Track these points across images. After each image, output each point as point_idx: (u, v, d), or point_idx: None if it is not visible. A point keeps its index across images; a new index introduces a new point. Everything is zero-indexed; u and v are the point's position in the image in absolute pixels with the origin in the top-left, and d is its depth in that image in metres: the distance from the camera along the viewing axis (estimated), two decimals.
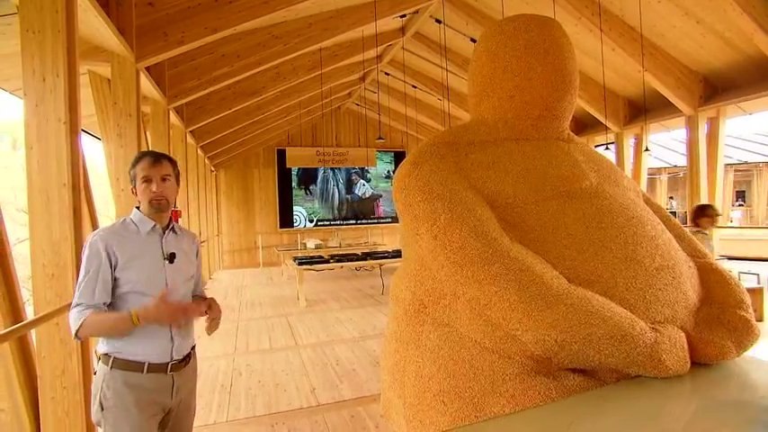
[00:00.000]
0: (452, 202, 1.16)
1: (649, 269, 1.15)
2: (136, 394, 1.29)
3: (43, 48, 2.13)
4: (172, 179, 1.40)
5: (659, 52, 5.59)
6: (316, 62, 6.72)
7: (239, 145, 9.86)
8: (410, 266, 1.28)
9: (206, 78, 4.92)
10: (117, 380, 1.28)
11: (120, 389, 1.28)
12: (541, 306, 1.00)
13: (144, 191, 1.34)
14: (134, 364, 1.29)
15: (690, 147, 6.07)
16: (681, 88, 5.72)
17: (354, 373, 3.30)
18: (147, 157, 1.37)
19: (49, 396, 2.09)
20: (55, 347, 2.08)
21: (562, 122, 1.43)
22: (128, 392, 1.28)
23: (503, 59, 1.36)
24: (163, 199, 1.36)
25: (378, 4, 5.23)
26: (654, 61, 5.53)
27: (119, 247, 1.31)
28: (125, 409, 1.28)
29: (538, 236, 1.17)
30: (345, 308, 5.79)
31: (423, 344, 1.17)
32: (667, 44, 5.50)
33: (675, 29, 5.15)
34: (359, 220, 12.25)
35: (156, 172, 1.35)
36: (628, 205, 1.30)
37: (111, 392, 1.27)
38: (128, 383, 1.28)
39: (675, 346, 1.05)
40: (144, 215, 1.38)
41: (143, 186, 1.34)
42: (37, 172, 2.10)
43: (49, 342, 2.08)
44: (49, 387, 2.09)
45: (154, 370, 1.31)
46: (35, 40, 2.14)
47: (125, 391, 1.28)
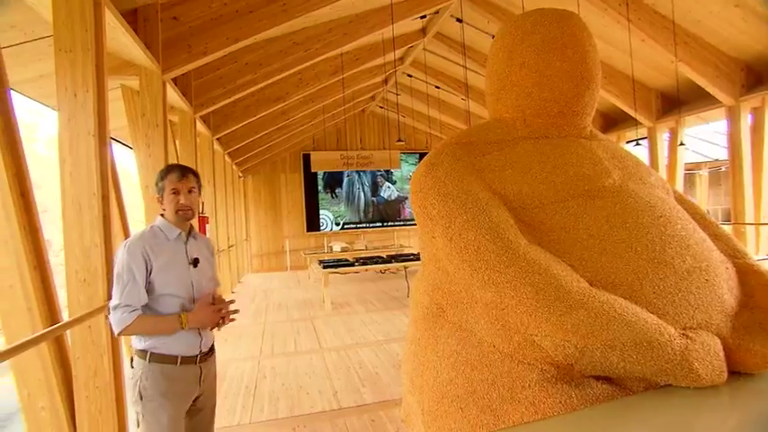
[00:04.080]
0: (467, 204, 1.13)
1: (679, 271, 1.07)
2: (171, 384, 1.43)
3: (74, 65, 2.24)
4: (196, 191, 1.55)
5: (695, 40, 5.30)
6: (337, 67, 6.77)
7: (266, 151, 10.07)
8: (427, 269, 1.25)
9: (230, 87, 5.05)
10: (155, 372, 1.42)
11: (158, 380, 1.42)
12: (560, 310, 0.95)
13: (172, 201, 1.49)
14: (169, 357, 1.43)
15: (731, 140, 5.71)
16: (720, 77, 5.40)
17: (377, 377, 3.28)
18: (176, 170, 1.51)
19: (84, 395, 2.18)
20: (88, 349, 2.17)
21: (583, 119, 1.36)
22: (164, 383, 1.42)
23: (519, 56, 1.30)
24: (189, 210, 1.52)
25: (396, 7, 5.22)
26: (689, 50, 5.25)
27: (153, 253, 1.44)
28: (162, 398, 1.42)
29: (557, 237, 1.12)
30: (371, 310, 5.79)
31: (441, 348, 1.15)
32: (704, 31, 5.21)
33: (712, 14, 4.87)
34: (385, 222, 12.25)
35: (183, 185, 1.50)
36: (655, 203, 1.21)
37: (150, 383, 1.41)
38: (164, 375, 1.43)
39: (709, 353, 0.97)
40: (169, 223, 1.52)
41: (171, 197, 1.49)
42: (69, 183, 2.20)
43: (82, 344, 2.17)
44: (83, 387, 2.18)
45: (185, 362, 1.46)
46: (67, 58, 2.25)
47: (162, 382, 1.42)
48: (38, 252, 2.22)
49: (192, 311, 1.45)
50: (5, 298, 2.17)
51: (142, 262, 1.41)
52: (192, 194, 1.53)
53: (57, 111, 2.23)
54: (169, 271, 1.46)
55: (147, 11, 3.45)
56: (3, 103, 2.20)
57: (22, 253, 2.16)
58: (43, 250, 2.27)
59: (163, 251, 1.47)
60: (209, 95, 5.01)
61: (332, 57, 6.59)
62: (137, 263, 1.41)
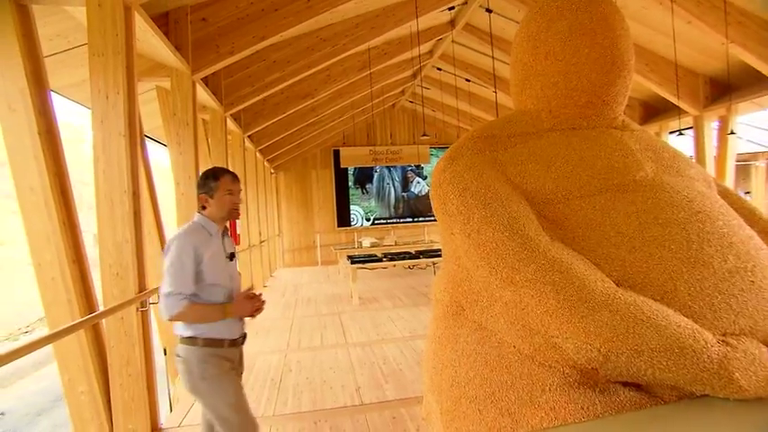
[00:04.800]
0: (486, 199, 1.08)
1: (719, 272, 0.98)
2: (222, 362, 1.60)
3: (106, 68, 2.33)
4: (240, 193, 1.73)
5: (750, 19, 4.88)
6: (365, 62, 6.76)
7: (297, 147, 10.22)
8: (448, 266, 1.22)
9: (259, 85, 5.14)
10: (209, 354, 1.57)
11: (214, 360, 1.57)
12: (583, 312, 0.89)
13: (228, 202, 1.64)
14: (217, 341, 1.59)
15: None
16: None
17: (401, 374, 3.25)
18: (229, 174, 1.67)
19: (118, 382, 2.29)
20: (121, 339, 2.28)
21: (614, 109, 1.27)
22: (220, 361, 1.59)
23: (545, 44, 1.23)
24: (238, 209, 1.70)
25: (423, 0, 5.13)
26: (743, 30, 4.84)
27: (202, 246, 1.58)
28: (224, 373, 1.59)
29: (583, 234, 1.06)
30: (398, 306, 5.77)
31: (460, 347, 1.11)
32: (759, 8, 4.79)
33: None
34: (415, 218, 12.18)
35: (236, 187, 1.67)
36: (693, 198, 1.11)
37: (210, 364, 1.56)
38: (216, 355, 1.58)
39: (753, 362, 0.87)
40: (210, 220, 1.65)
41: (227, 198, 1.64)
42: (103, 180, 2.31)
43: (116, 334, 2.28)
44: (117, 374, 2.29)
45: (231, 345, 1.63)
46: (100, 62, 2.35)
47: (218, 361, 1.58)
48: (76, 247, 2.35)
49: (233, 303, 1.61)
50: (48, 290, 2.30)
51: (192, 253, 1.53)
52: (239, 196, 1.70)
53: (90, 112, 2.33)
54: (215, 263, 1.59)
55: (177, 13, 3.55)
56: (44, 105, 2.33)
57: (62, 248, 2.28)
58: (81, 245, 2.39)
59: (209, 245, 1.60)
60: (239, 94, 5.12)
61: (359, 52, 6.58)
62: (188, 254, 1.53)
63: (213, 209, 1.64)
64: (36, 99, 2.25)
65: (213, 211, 1.64)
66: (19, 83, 2.22)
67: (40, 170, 2.22)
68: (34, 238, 2.26)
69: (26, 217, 2.25)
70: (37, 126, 2.23)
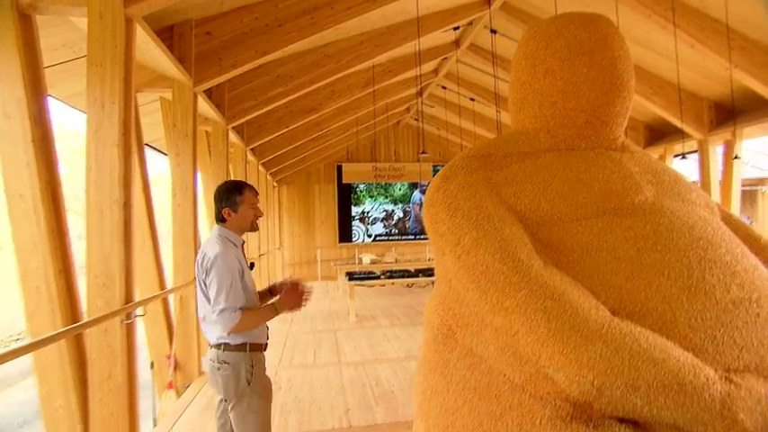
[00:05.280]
0: (478, 220, 1.04)
1: (722, 302, 0.92)
2: (264, 367, 1.70)
3: (103, 78, 2.33)
4: None
5: (753, 45, 4.88)
6: (369, 79, 6.81)
7: (300, 161, 10.25)
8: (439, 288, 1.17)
9: (262, 98, 5.17)
10: (256, 359, 1.65)
11: (259, 365, 1.66)
12: (575, 341, 0.84)
13: (251, 215, 1.70)
14: (260, 345, 1.69)
15: None
16: None
17: (392, 396, 3.15)
18: (251, 188, 1.73)
19: (98, 397, 2.21)
20: (103, 352, 2.21)
21: (613, 129, 1.24)
22: (261, 367, 1.68)
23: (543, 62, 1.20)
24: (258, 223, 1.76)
25: (427, 19, 5.19)
26: (745, 55, 4.84)
27: (240, 259, 1.65)
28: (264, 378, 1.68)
29: (578, 258, 1.00)
30: (395, 325, 5.66)
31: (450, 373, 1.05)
32: (764, 35, 4.80)
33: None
34: (417, 235, 12.12)
35: (257, 201, 1.74)
36: (694, 223, 1.06)
37: (255, 369, 1.63)
38: (260, 360, 1.68)
39: (759, 402, 0.80)
40: (232, 232, 1.70)
41: (250, 211, 1.70)
42: (93, 190, 2.28)
43: (98, 347, 2.21)
44: (97, 389, 2.21)
45: (265, 348, 1.74)
46: (98, 72, 2.35)
47: (261, 367, 1.67)
48: (64, 256, 2.30)
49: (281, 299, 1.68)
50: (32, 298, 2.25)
51: (237, 266, 1.60)
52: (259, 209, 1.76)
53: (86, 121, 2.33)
54: (247, 275, 1.67)
55: (182, 27, 3.60)
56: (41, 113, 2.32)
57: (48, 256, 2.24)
58: (69, 254, 2.34)
59: (240, 257, 1.67)
60: (242, 107, 5.14)
61: (364, 69, 6.64)
62: (233, 268, 1.59)
63: (235, 221, 1.69)
64: (33, 107, 2.24)
65: (234, 223, 1.69)
66: (17, 91, 2.22)
67: (31, 177, 2.20)
68: (21, 246, 2.23)
69: (14, 223, 2.22)
70: (31, 133, 2.22)
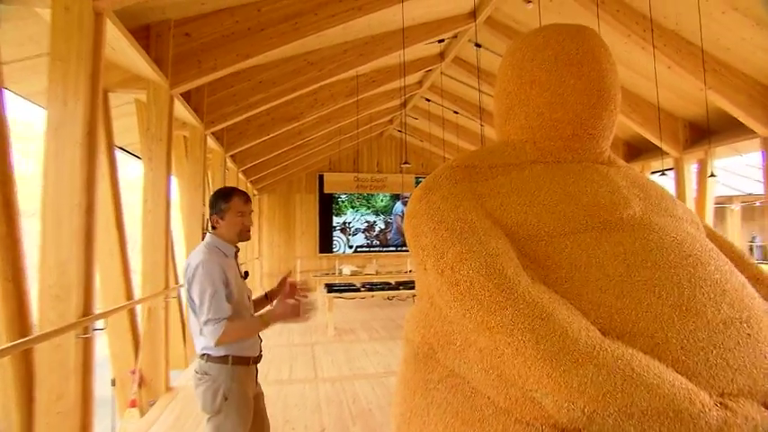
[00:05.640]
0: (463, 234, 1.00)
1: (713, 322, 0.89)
2: (248, 382, 1.60)
3: (67, 75, 2.19)
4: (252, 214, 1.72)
5: (725, 68, 5.05)
6: (353, 89, 6.77)
7: (282, 170, 10.10)
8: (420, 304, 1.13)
9: (243, 104, 5.05)
10: (238, 373, 1.56)
11: (242, 380, 1.57)
12: (565, 365, 0.79)
13: (238, 223, 1.63)
14: (245, 359, 1.59)
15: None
16: (754, 106, 5.10)
17: (370, 415, 3.02)
18: (240, 195, 1.65)
19: (44, 421, 2.02)
20: (53, 370, 2.03)
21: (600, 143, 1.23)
22: (245, 382, 1.59)
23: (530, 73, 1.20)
24: (248, 231, 1.68)
25: (412, 30, 5.19)
26: (719, 78, 5.00)
27: (227, 269, 1.58)
28: (245, 395, 1.57)
29: (566, 275, 0.97)
30: (374, 338, 5.53)
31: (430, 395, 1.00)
32: (735, 59, 4.97)
33: (745, 41, 4.63)
34: (398, 247, 12.05)
35: (247, 209, 1.65)
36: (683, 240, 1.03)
37: (236, 384, 1.55)
38: (243, 374, 1.58)
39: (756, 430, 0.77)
40: (222, 241, 1.63)
41: (237, 219, 1.63)
42: (51, 192, 2.12)
43: (48, 364, 2.03)
44: (44, 412, 2.02)
45: (253, 362, 1.64)
46: (61, 67, 2.21)
47: (244, 381, 1.58)
48: (15, 263, 2.12)
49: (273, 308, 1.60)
50: None
51: (220, 275, 1.54)
52: (250, 217, 1.69)
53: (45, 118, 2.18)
54: (235, 284, 1.60)
55: (160, 27, 3.48)
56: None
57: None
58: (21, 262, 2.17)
59: (229, 266, 1.60)
60: (221, 112, 5.01)
61: (347, 78, 6.60)
62: (215, 277, 1.52)
63: (223, 230, 1.63)
64: None
65: (223, 232, 1.63)
66: None
67: None
68: None
69: None
70: None
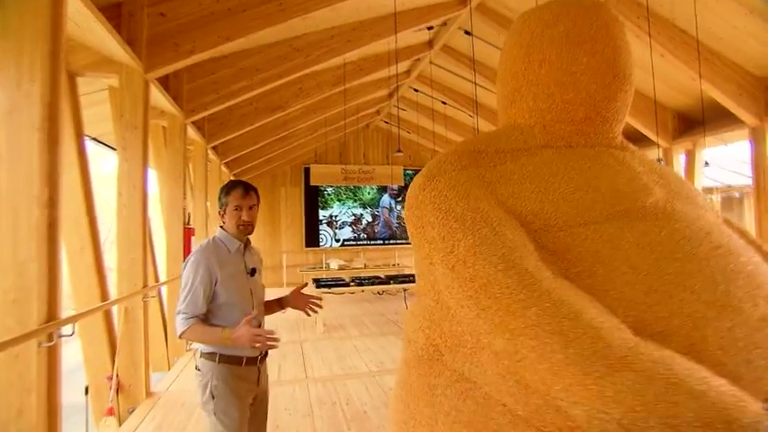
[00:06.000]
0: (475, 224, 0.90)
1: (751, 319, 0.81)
2: (237, 382, 1.56)
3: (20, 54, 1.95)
4: (256, 207, 1.66)
5: (717, 57, 5.02)
6: (340, 77, 6.55)
7: (266, 162, 9.83)
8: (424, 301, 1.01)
9: (225, 92, 4.80)
10: (224, 372, 1.54)
11: (228, 379, 1.54)
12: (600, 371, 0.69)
13: (234, 217, 1.60)
14: (234, 358, 1.55)
15: (756, 162, 5.37)
16: (743, 96, 5.09)
17: (365, 417, 2.88)
18: (240, 187, 1.61)
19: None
20: (12, 384, 1.81)
21: (613, 126, 1.15)
22: (232, 381, 1.55)
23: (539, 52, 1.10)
24: (249, 225, 1.63)
25: (402, 15, 5.00)
26: (711, 67, 4.96)
27: (218, 266, 1.55)
28: (232, 395, 1.54)
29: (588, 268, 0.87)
30: (365, 335, 5.39)
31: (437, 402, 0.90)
32: (727, 48, 4.93)
33: (737, 29, 4.59)
34: (386, 240, 11.93)
35: (246, 202, 1.61)
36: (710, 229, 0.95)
37: (221, 382, 1.53)
38: (232, 374, 1.55)
39: None
40: (230, 235, 1.63)
41: (234, 213, 1.60)
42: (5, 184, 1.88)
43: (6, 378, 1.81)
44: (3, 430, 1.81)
45: (248, 363, 1.59)
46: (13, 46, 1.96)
47: (231, 381, 1.55)
48: None
49: (234, 329, 1.49)
50: None
51: (207, 274, 1.52)
52: (252, 211, 1.63)
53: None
54: (232, 281, 1.57)
55: (132, 5, 3.21)
56: None
57: None
58: None
59: (227, 263, 1.58)
60: (202, 101, 4.75)
61: (334, 66, 6.38)
62: (201, 274, 1.51)
63: (227, 224, 1.63)
64: None
65: (228, 226, 1.63)
66: None
67: None
68: None
69: None
70: None
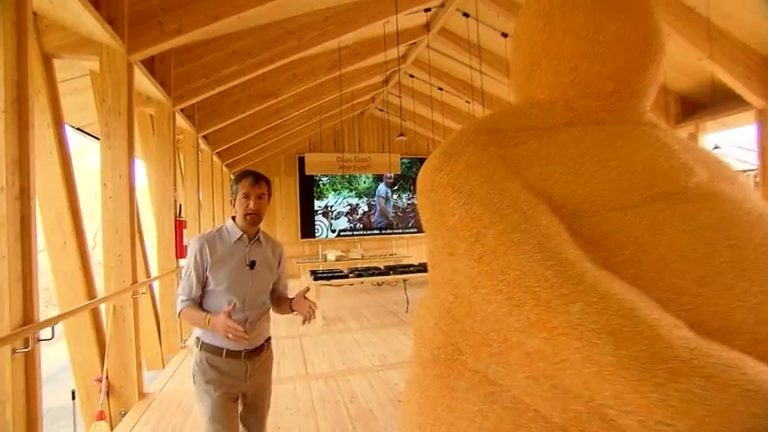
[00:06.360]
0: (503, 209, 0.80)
1: None
2: (215, 374, 1.56)
3: None
4: (265, 197, 1.64)
5: (724, 37, 4.86)
6: (334, 62, 6.31)
7: (259, 152, 9.59)
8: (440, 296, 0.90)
9: (215, 77, 4.57)
10: (203, 360, 1.56)
11: (205, 368, 1.56)
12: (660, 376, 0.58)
13: (242, 205, 1.59)
14: (215, 348, 1.56)
15: (762, 145, 5.26)
16: (751, 78, 4.96)
17: (371, 416, 2.75)
18: (250, 176, 1.60)
19: None
20: None
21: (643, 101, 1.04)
22: (209, 371, 1.55)
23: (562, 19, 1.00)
24: (256, 215, 1.61)
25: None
26: (718, 47, 4.81)
27: (211, 251, 1.57)
28: (207, 384, 1.54)
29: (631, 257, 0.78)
30: (365, 327, 5.26)
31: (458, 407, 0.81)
32: (735, 26, 4.78)
33: (745, 7, 4.43)
34: (383, 230, 11.79)
35: (254, 191, 1.60)
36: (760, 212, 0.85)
37: (199, 369, 1.56)
38: (210, 363, 1.56)
39: None
40: (236, 225, 1.63)
41: (243, 201, 1.59)
42: None
43: None
44: None
45: (230, 356, 1.57)
46: None
47: (207, 370, 1.55)
48: None
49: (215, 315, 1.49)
50: None
51: (200, 259, 1.56)
52: (261, 200, 1.62)
53: None
54: (222, 269, 1.56)
55: None
56: None
57: None
58: None
59: (220, 250, 1.58)
60: (191, 86, 4.52)
61: (328, 51, 6.14)
62: (195, 259, 1.56)
63: (236, 214, 1.62)
64: None
65: (237, 216, 1.63)
66: None
67: None
68: None
69: None
70: None
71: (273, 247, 1.73)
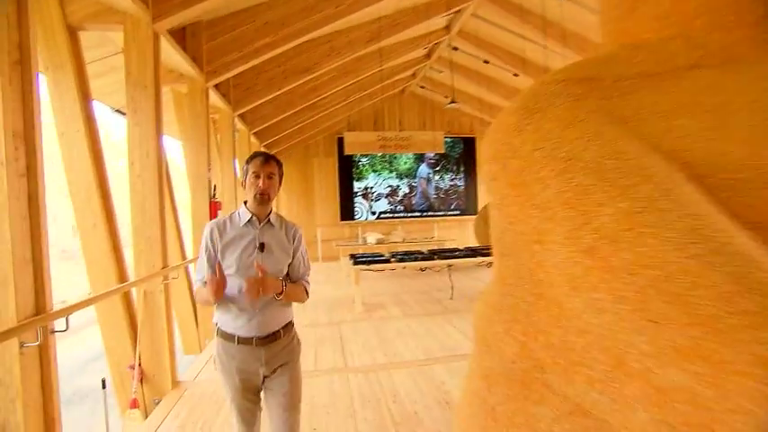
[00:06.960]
0: (625, 179, 0.53)
1: None
2: (230, 360, 1.56)
3: None
4: (275, 177, 1.62)
5: None
6: (374, 33, 5.90)
7: (297, 133, 9.43)
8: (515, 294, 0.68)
9: (248, 50, 4.32)
10: (219, 346, 1.59)
11: (221, 353, 1.58)
12: None
13: (252, 185, 1.58)
14: (228, 335, 1.57)
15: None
16: None
17: (416, 420, 2.45)
18: (260, 156, 1.59)
19: None
20: None
21: None
22: (225, 357, 1.57)
23: None
24: (266, 194, 1.58)
25: None
26: None
27: (221, 234, 1.57)
28: (226, 370, 1.57)
29: None
30: (408, 315, 4.98)
31: None
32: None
33: None
34: (424, 212, 11.42)
35: (264, 170, 1.58)
36: None
37: (217, 355, 1.59)
38: (224, 350, 1.58)
39: None
40: (246, 209, 1.61)
41: (253, 181, 1.57)
42: None
43: None
44: None
45: (243, 342, 1.55)
46: None
47: (223, 356, 1.58)
48: None
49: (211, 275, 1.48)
50: None
51: (210, 242, 1.56)
52: (271, 180, 1.59)
53: None
54: (232, 253, 1.55)
55: None
56: None
57: None
58: None
59: (230, 234, 1.57)
60: (223, 60, 4.30)
61: (367, 21, 5.73)
62: (205, 243, 1.57)
63: (247, 196, 1.60)
64: None
65: (248, 198, 1.61)
66: None
67: None
68: None
69: None
70: None
71: (287, 229, 1.67)
